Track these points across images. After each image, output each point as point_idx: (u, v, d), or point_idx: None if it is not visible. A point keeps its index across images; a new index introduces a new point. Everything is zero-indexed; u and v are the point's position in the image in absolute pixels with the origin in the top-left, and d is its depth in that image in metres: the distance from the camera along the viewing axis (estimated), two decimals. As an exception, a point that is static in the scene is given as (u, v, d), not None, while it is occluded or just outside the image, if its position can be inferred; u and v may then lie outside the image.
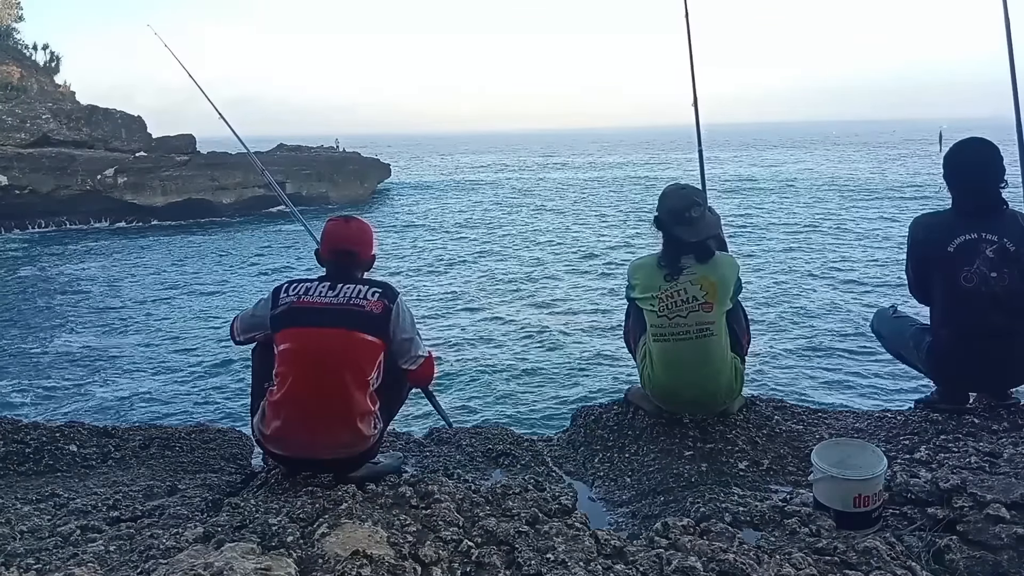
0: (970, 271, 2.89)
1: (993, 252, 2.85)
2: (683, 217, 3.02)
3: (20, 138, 33.17)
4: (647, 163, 75.73)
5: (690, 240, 3.00)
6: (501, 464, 3.11)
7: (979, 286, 2.88)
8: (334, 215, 2.87)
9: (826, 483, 2.18)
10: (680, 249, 3.02)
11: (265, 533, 1.93)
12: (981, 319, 2.92)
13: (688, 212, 3.02)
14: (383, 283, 2.70)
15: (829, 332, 14.66)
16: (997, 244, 2.86)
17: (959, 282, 2.93)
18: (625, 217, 34.18)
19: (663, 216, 3.09)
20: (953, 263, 2.94)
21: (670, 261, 3.02)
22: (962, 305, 2.96)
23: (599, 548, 1.91)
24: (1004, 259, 2.85)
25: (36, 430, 3.22)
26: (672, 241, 3.05)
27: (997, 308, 2.88)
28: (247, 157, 4.78)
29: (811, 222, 30.23)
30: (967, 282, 2.90)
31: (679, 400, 3.13)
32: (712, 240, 3.10)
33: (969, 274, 2.89)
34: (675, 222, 3.03)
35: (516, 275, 22.04)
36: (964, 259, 2.90)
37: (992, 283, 2.86)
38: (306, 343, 2.57)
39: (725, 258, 3.12)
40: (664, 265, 3.03)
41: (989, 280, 2.86)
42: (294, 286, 2.67)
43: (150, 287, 21.88)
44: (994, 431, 2.91)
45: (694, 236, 3.00)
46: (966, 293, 2.92)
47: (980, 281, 2.88)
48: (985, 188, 2.94)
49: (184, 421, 9.06)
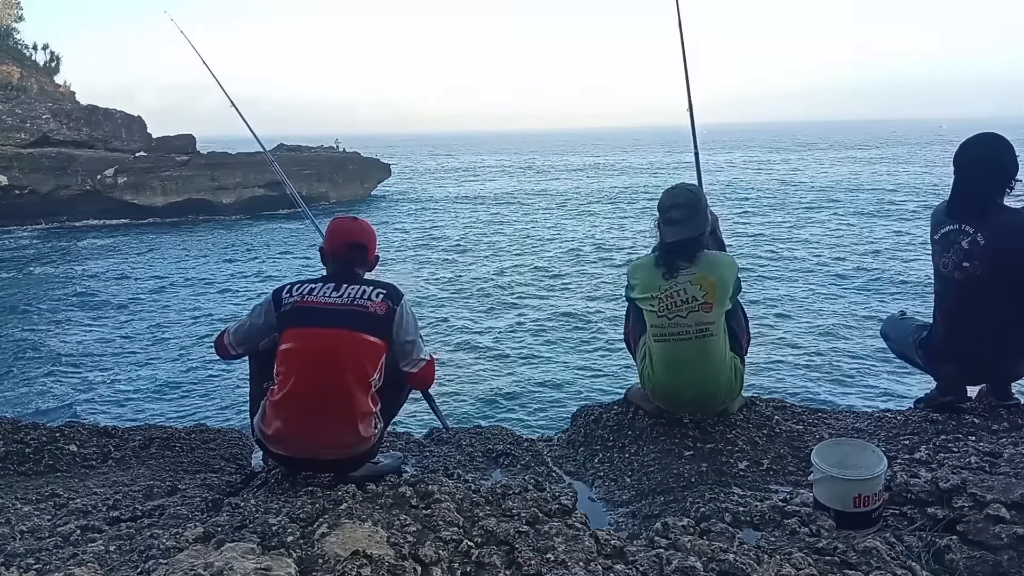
0: (947, 259, 3.03)
1: (968, 243, 2.95)
2: (666, 216, 3.05)
3: (20, 138, 33.19)
4: (649, 163, 75.67)
5: (667, 240, 3.03)
6: (501, 464, 3.11)
7: (952, 272, 3.01)
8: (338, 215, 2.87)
9: (826, 483, 2.18)
10: (671, 249, 3.03)
11: (265, 533, 1.93)
12: (956, 306, 3.05)
13: (669, 212, 3.04)
14: (388, 284, 2.69)
15: (829, 332, 14.66)
16: (971, 237, 2.95)
17: (939, 269, 3.09)
18: (626, 217, 34.17)
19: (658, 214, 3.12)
20: (937, 251, 3.09)
21: (666, 260, 3.04)
22: (943, 292, 3.13)
23: (599, 548, 1.91)
24: (975, 251, 2.93)
25: (36, 430, 3.22)
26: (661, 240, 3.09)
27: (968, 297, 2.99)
28: (259, 155, 4.77)
29: (811, 222, 30.23)
30: (944, 268, 3.05)
31: (679, 400, 3.13)
32: (702, 238, 3.10)
33: (947, 261, 3.03)
34: (662, 221, 3.08)
35: (516, 275, 22.04)
36: (944, 248, 3.04)
37: (965, 272, 2.97)
38: (309, 343, 2.56)
39: (724, 258, 3.12)
40: (661, 264, 3.04)
41: (961, 269, 2.97)
42: (297, 287, 2.66)
43: (150, 286, 21.88)
44: (994, 431, 2.91)
45: (672, 236, 3.02)
46: (944, 279, 3.08)
47: (954, 268, 3.00)
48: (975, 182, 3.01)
49: (184, 421, 9.06)
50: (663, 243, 3.06)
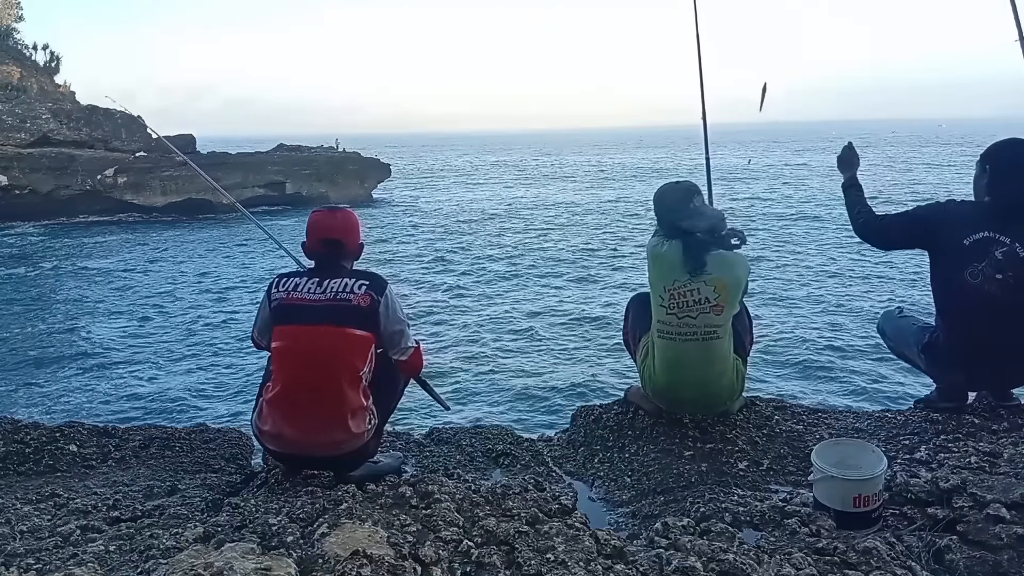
0: (977, 268, 2.91)
1: (1002, 254, 2.86)
2: (686, 209, 2.98)
3: (20, 138, 33.18)
4: (649, 163, 75.70)
5: (702, 226, 2.95)
6: (501, 464, 3.11)
7: (982, 284, 2.90)
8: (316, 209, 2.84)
9: (826, 483, 2.18)
10: (701, 241, 2.95)
11: (265, 533, 1.93)
12: (979, 317, 2.94)
13: (689, 202, 2.99)
14: (371, 274, 2.68)
15: (830, 332, 14.65)
16: (1008, 248, 2.86)
17: (965, 277, 2.94)
18: (627, 217, 34.17)
19: (665, 216, 3.05)
20: (964, 258, 2.95)
21: (693, 255, 2.95)
22: (963, 301, 2.98)
23: (599, 548, 1.91)
24: (1011, 262, 2.85)
25: (36, 430, 3.22)
26: (687, 234, 2.97)
27: (996, 309, 2.89)
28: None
29: (811, 222, 30.24)
30: (972, 278, 2.92)
31: (680, 400, 3.12)
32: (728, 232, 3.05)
33: (976, 271, 2.91)
34: (679, 216, 2.98)
35: (516, 275, 22.04)
36: (975, 256, 2.92)
37: (995, 284, 2.88)
38: (296, 341, 2.58)
39: (739, 259, 3.07)
40: (687, 260, 2.95)
41: (993, 281, 2.88)
42: (283, 281, 2.66)
43: (150, 285, 21.86)
44: (994, 431, 2.91)
45: (704, 221, 2.96)
46: (969, 289, 2.93)
47: (984, 280, 2.89)
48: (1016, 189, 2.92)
49: (184, 421, 9.06)
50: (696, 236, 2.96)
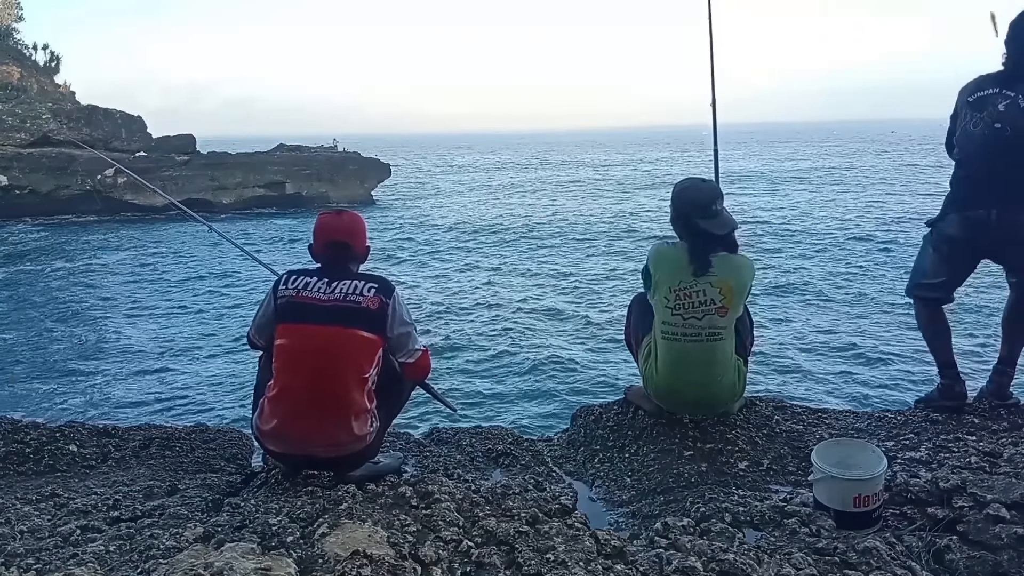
0: (979, 117, 3.08)
1: (1004, 106, 3.01)
2: (709, 210, 2.95)
3: (20, 138, 33.18)
4: (655, 162, 75.74)
5: (718, 233, 2.94)
6: (501, 464, 3.11)
7: (983, 131, 3.06)
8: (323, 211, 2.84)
9: (826, 483, 2.18)
10: (709, 244, 2.94)
11: (265, 533, 1.93)
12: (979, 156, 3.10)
13: (713, 204, 2.96)
14: (379, 277, 2.68)
15: (830, 332, 14.64)
16: (1011, 100, 3.00)
17: (968, 127, 3.13)
18: (627, 216, 34.17)
19: (684, 210, 3.00)
20: (968, 110, 3.14)
21: (699, 256, 2.93)
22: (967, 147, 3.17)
23: (599, 548, 1.91)
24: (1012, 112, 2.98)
25: (36, 430, 3.22)
26: (700, 235, 2.95)
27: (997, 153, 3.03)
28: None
29: (811, 221, 30.23)
30: (974, 126, 3.10)
31: (681, 400, 3.12)
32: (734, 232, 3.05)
33: (977, 119, 3.09)
34: (700, 215, 2.95)
35: (516, 275, 22.04)
36: (977, 108, 3.10)
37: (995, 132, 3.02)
38: (303, 340, 2.57)
39: (745, 261, 3.06)
40: (693, 261, 2.94)
41: (992, 128, 3.03)
42: (293, 278, 2.65)
43: (149, 285, 21.85)
44: (994, 431, 2.91)
45: (722, 229, 2.95)
46: (971, 136, 3.12)
47: (984, 127, 3.06)
48: None
49: (184, 421, 9.05)
50: (708, 237, 2.94)
